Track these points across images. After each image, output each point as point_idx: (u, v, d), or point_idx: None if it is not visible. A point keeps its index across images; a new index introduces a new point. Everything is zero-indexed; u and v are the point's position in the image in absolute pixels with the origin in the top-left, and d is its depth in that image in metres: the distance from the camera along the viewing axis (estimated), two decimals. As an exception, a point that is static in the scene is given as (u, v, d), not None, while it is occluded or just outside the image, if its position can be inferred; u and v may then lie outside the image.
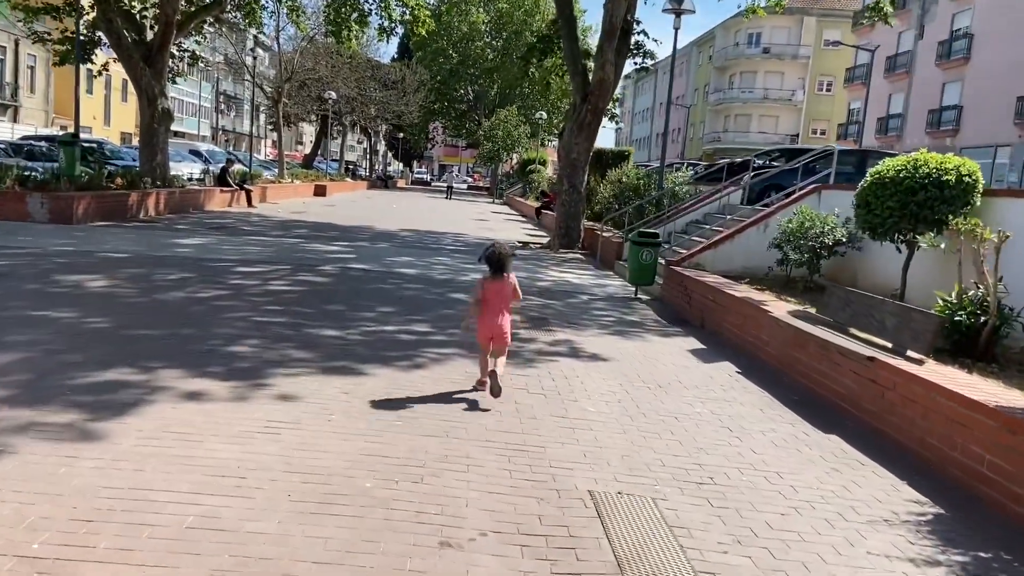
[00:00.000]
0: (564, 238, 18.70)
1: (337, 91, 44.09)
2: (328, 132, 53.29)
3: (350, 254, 13.93)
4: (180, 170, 27.77)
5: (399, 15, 26.36)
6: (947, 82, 38.40)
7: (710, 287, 9.70)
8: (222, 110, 78.85)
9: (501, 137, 50.10)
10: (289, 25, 37.89)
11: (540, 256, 16.99)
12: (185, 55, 26.74)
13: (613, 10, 16.91)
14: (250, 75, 36.91)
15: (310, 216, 22.77)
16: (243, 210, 23.17)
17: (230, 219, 19.42)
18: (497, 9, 61.26)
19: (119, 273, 9.67)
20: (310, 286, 10.02)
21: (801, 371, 7.01)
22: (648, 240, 11.65)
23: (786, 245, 10.54)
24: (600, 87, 17.71)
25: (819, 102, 62.45)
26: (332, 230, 18.59)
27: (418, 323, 8.23)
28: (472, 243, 18.68)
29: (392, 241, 17.23)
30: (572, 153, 18.67)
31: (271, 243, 14.57)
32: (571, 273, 14.32)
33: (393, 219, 24.45)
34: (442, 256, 15.02)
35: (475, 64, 61.55)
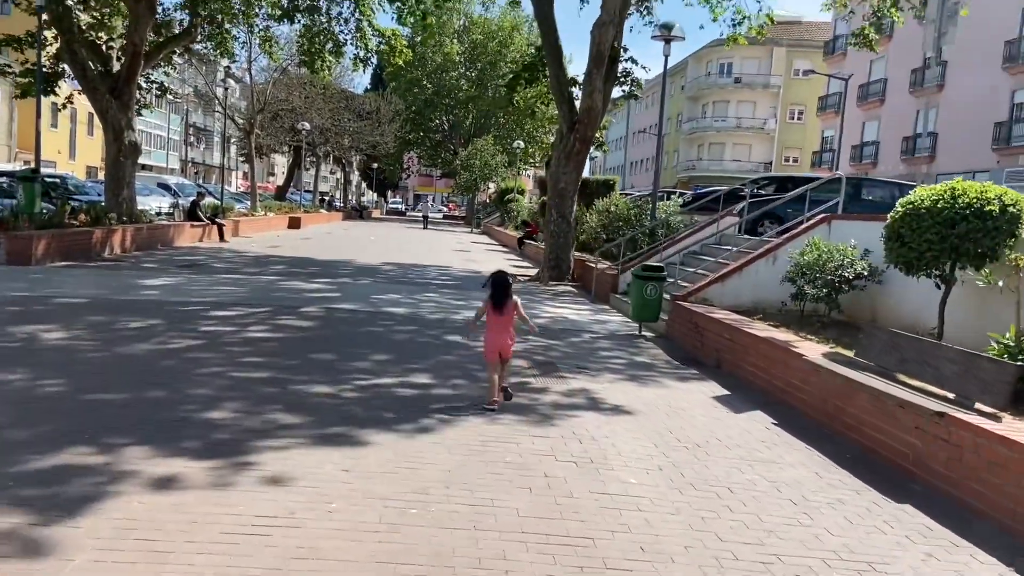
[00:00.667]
0: (554, 270, 18.01)
1: (311, 122, 43.35)
2: (301, 163, 52.45)
3: (333, 292, 13.09)
4: (148, 204, 26.76)
5: (375, 45, 25.80)
6: (921, 109, 38.58)
7: (726, 325, 9.02)
8: (191, 142, 77.68)
9: (478, 166, 49.58)
10: (262, 56, 37.26)
11: (531, 290, 16.25)
12: (153, 86, 25.89)
13: (601, 38, 16.41)
14: (221, 107, 36.07)
15: (286, 250, 21.88)
16: (215, 245, 22.21)
17: (201, 255, 18.48)
18: (471, 40, 61.14)
19: (78, 322, 8.76)
20: (293, 331, 9.17)
21: (848, 424, 6.31)
22: (652, 274, 10.97)
23: (800, 279, 9.91)
24: (588, 115, 17.15)
25: (791, 130, 62.89)
26: (311, 265, 17.72)
27: (417, 373, 7.42)
28: (459, 276, 17.92)
29: (375, 276, 16.41)
30: (560, 183, 18.06)
31: (246, 282, 13.68)
32: (567, 308, 13.60)
33: (373, 252, 23.63)
34: (430, 292, 14.22)
35: (450, 94, 61.23)
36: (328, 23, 25.73)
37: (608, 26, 16.33)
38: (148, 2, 21.05)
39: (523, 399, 6.73)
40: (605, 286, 15.10)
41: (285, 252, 21.17)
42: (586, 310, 13.55)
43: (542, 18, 17.87)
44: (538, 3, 17.81)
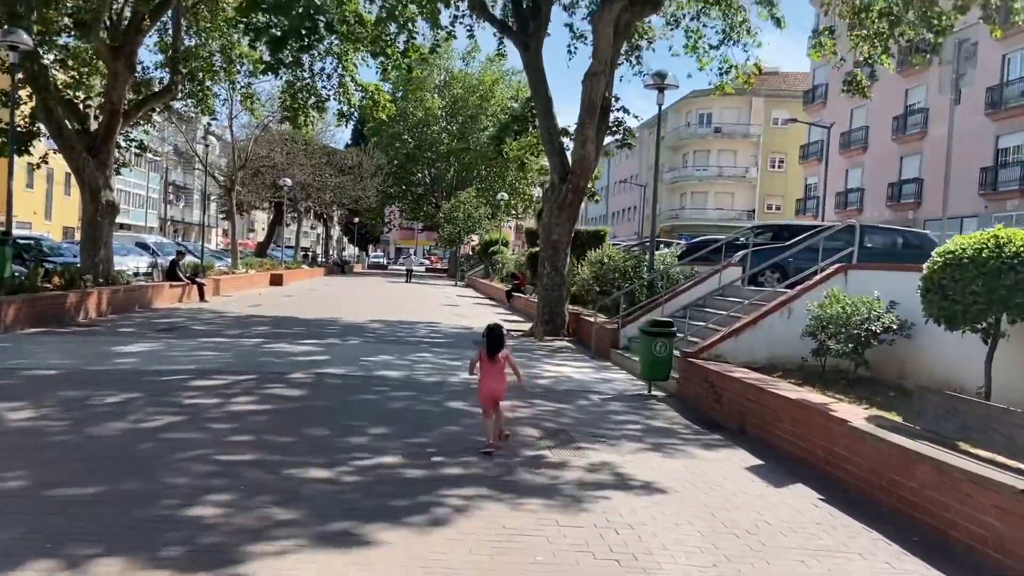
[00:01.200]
0: (548, 324, 17.42)
1: (292, 177, 42.99)
2: (282, 219, 51.95)
3: (321, 355, 12.38)
4: (126, 264, 26.02)
5: (358, 100, 25.53)
6: (905, 156, 38.89)
7: (749, 385, 8.42)
8: (171, 200, 77.15)
9: (462, 219, 49.28)
10: (243, 112, 36.99)
11: (526, 346, 15.63)
12: (132, 144, 25.37)
13: (592, 87, 16.13)
14: (201, 164, 35.62)
15: (269, 309, 21.15)
16: (195, 306, 21.45)
17: (181, 317, 17.73)
18: (452, 94, 61.48)
19: (47, 397, 8.00)
20: (282, 402, 8.45)
21: (908, 500, 5.67)
22: (661, 330, 10.40)
23: (821, 333, 9.38)
24: (581, 165, 16.79)
25: (772, 178, 63.40)
26: (295, 325, 17.01)
27: (422, 448, 6.72)
28: (450, 333, 17.27)
29: (364, 336, 15.72)
30: (553, 235, 17.59)
31: (229, 346, 12.94)
32: (567, 366, 12.96)
33: (359, 308, 22.95)
34: (423, 352, 13.55)
35: (431, 148, 61.32)
36: (311, 79, 25.47)
37: (600, 76, 16.07)
38: (127, 60, 20.69)
39: (543, 477, 6.06)
40: (605, 341, 14.51)
41: (268, 311, 20.45)
42: (588, 368, 12.92)
43: (531, 69, 17.62)
44: (527, 54, 17.58)
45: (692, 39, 20.23)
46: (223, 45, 25.13)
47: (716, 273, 14.52)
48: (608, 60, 16.13)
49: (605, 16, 15.45)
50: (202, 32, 24.83)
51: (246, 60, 25.68)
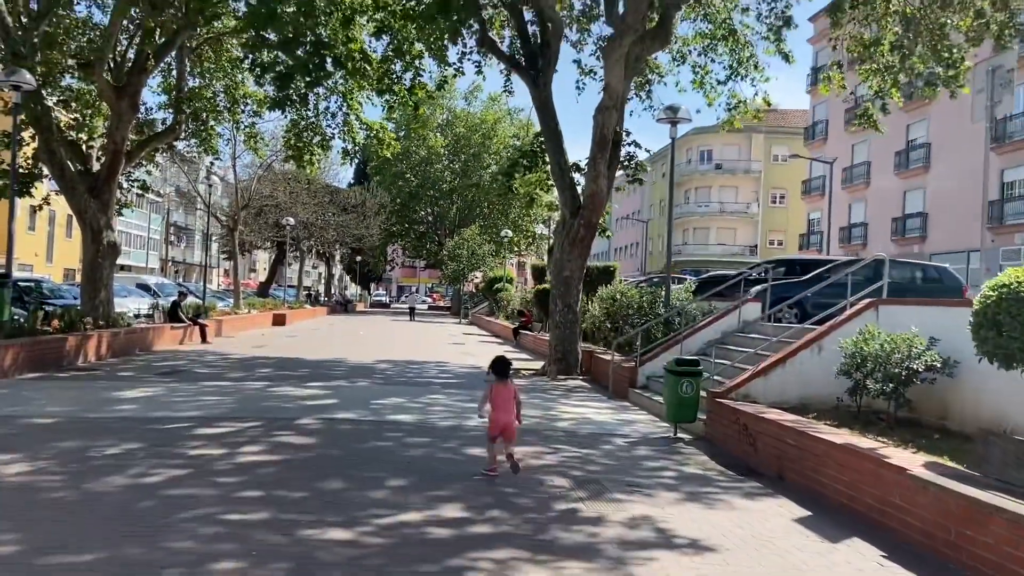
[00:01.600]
0: (560, 363, 16.96)
1: (295, 216, 42.81)
2: (284, 258, 51.71)
3: (330, 399, 11.89)
4: (126, 306, 25.64)
5: (363, 138, 25.39)
6: (908, 190, 38.73)
7: (787, 428, 7.94)
8: (172, 241, 77.12)
9: (465, 256, 49.02)
10: (246, 152, 36.92)
11: (539, 385, 15.15)
12: (134, 185, 25.14)
13: (604, 122, 15.89)
14: (204, 204, 35.42)
15: (273, 350, 20.69)
16: (197, 347, 20.99)
17: (183, 360, 17.26)
18: (455, 133, 61.70)
19: (44, 449, 7.52)
20: (292, 452, 7.96)
21: (980, 557, 5.18)
22: (687, 369, 9.95)
23: (857, 371, 8.92)
24: (593, 200, 16.47)
25: (774, 214, 63.36)
26: (301, 367, 16.54)
27: (446, 504, 6.23)
28: (461, 373, 16.79)
29: (372, 377, 15.23)
30: (564, 271, 17.21)
31: (234, 390, 12.46)
32: (586, 407, 12.47)
33: (365, 348, 22.48)
34: (434, 394, 13.06)
35: (434, 186, 61.38)
36: (315, 117, 25.37)
37: (611, 110, 15.83)
38: (131, 100, 20.53)
39: (580, 535, 5.57)
40: (623, 381, 14.03)
41: (272, 352, 19.99)
42: (607, 409, 12.43)
43: (540, 104, 17.41)
44: (536, 90, 17.38)
45: (699, 75, 20.11)
46: (227, 85, 25.06)
47: (735, 309, 14.10)
48: (619, 94, 15.90)
49: (615, 51, 15.25)
50: (206, 73, 24.77)
51: (250, 100, 25.61)
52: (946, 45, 16.27)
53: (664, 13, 16.44)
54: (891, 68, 17.76)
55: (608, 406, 12.74)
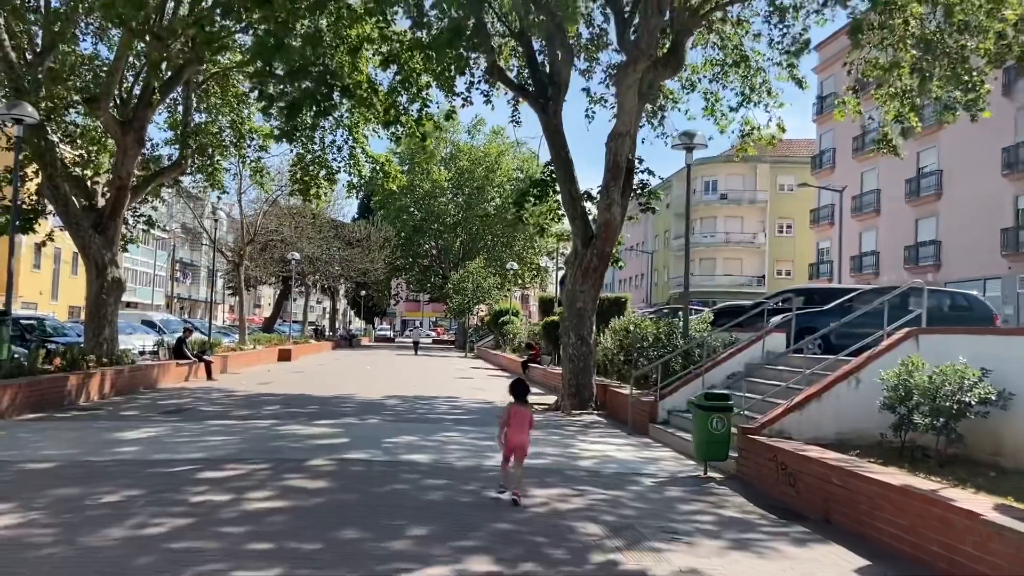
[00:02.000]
0: (575, 397, 16.43)
1: (301, 251, 42.56)
2: (290, 294, 51.37)
3: (340, 437, 11.37)
4: (131, 343, 25.27)
5: (368, 171, 25.17)
6: (920, 218, 38.34)
7: (832, 467, 7.42)
8: (178, 277, 76.92)
9: (470, 289, 48.62)
10: (252, 187, 36.76)
11: (553, 420, 14.62)
12: (140, 220, 24.86)
13: (617, 149, 15.56)
14: (210, 240, 35.13)
15: (279, 386, 20.18)
16: (202, 384, 20.50)
17: (188, 398, 16.77)
18: (458, 167, 61.74)
19: (38, 497, 7.03)
20: (303, 497, 7.45)
21: (1076, 612, 4.66)
22: (717, 404, 9.45)
23: (902, 405, 8.41)
24: (606, 229, 16.08)
25: (781, 243, 63.02)
26: (309, 403, 16.03)
27: (471, 555, 5.71)
28: (472, 409, 16.26)
29: (382, 414, 14.70)
30: (577, 302, 16.76)
31: (240, 429, 11.96)
32: (605, 443, 11.94)
33: (373, 384, 21.97)
34: (448, 431, 12.52)
35: (438, 219, 61.25)
36: (321, 151, 25.18)
37: (624, 137, 15.51)
38: (136, 135, 20.32)
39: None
40: (642, 415, 13.49)
41: (278, 388, 19.49)
42: (628, 446, 11.89)
43: (550, 133, 17.10)
44: (545, 118, 17.09)
45: (710, 102, 19.85)
46: (233, 120, 24.90)
47: (759, 340, 13.60)
48: (632, 121, 15.59)
49: (628, 77, 14.97)
50: (212, 108, 24.62)
51: (256, 135, 25.44)
52: (966, 68, 15.95)
53: (676, 39, 16.20)
54: (909, 92, 17.46)
55: (629, 443, 12.20)
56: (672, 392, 13.41)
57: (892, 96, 17.74)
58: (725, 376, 13.44)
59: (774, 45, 18.90)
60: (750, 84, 19.43)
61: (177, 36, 18.87)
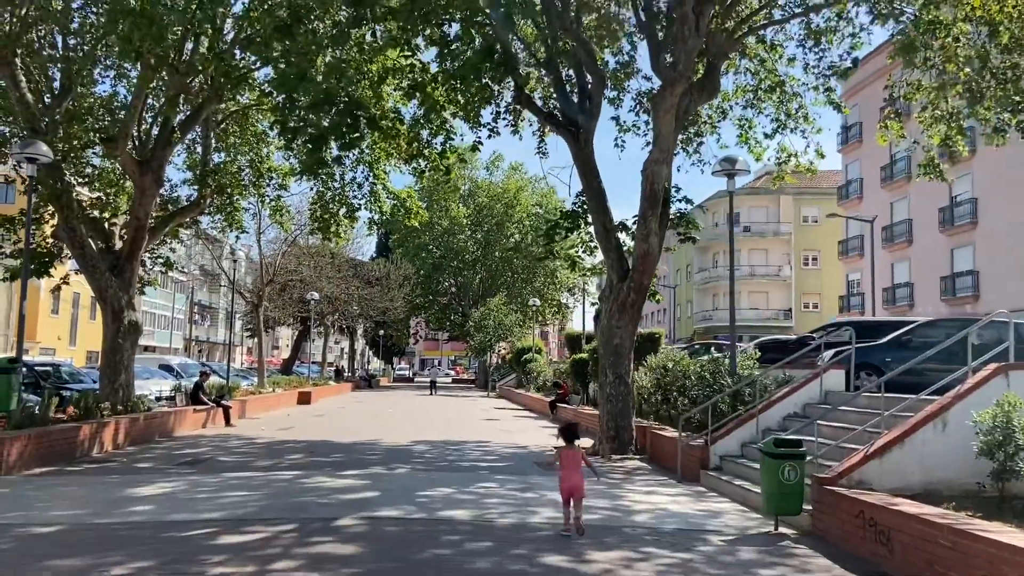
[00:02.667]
0: (614, 441, 15.49)
1: (320, 291, 42.01)
2: (308, 334, 50.76)
3: (370, 490, 10.50)
4: (148, 388, 24.57)
5: (389, 207, 24.63)
6: (955, 248, 37.23)
7: (937, 525, 6.49)
8: (196, 320, 76.75)
9: (492, 326, 47.78)
10: (270, 228, 36.35)
11: (594, 467, 13.66)
12: (158, 262, 24.37)
13: (653, 177, 14.81)
14: (228, 281, 34.63)
15: (301, 432, 19.36)
16: (221, 431, 19.72)
17: (206, 447, 15.97)
18: (477, 203, 61.40)
19: (33, 572, 6.21)
20: (335, 566, 6.58)
21: None
22: (789, 451, 8.53)
23: (1000, 450, 7.47)
24: (644, 261, 15.27)
25: (807, 276, 61.88)
26: (333, 451, 15.17)
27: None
28: (505, 454, 15.36)
29: (412, 462, 13.81)
30: (615, 339, 15.89)
31: (261, 482, 11.12)
32: (656, 494, 10.98)
33: (397, 428, 21.10)
34: (485, 481, 11.62)
35: (457, 256, 60.75)
36: (341, 188, 24.68)
37: (661, 164, 14.78)
38: (155, 175, 19.86)
39: None
40: (692, 461, 12.52)
41: (300, 435, 18.66)
42: (682, 496, 10.92)
43: (582, 162, 16.41)
44: (576, 147, 16.41)
45: (744, 129, 19.14)
46: (252, 159, 24.49)
47: (816, 378, 12.65)
48: (670, 147, 14.88)
49: (666, 100, 14.28)
50: (231, 148, 24.23)
51: (276, 174, 24.99)
52: (1019, 88, 15.16)
53: (711, 62, 15.56)
54: (956, 114, 16.69)
55: (682, 492, 11.24)
56: (724, 435, 12.45)
57: (938, 119, 16.97)
58: (781, 418, 12.48)
59: (809, 70, 18.27)
60: (786, 110, 18.73)
61: (197, 72, 18.50)
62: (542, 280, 61.03)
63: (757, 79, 18.58)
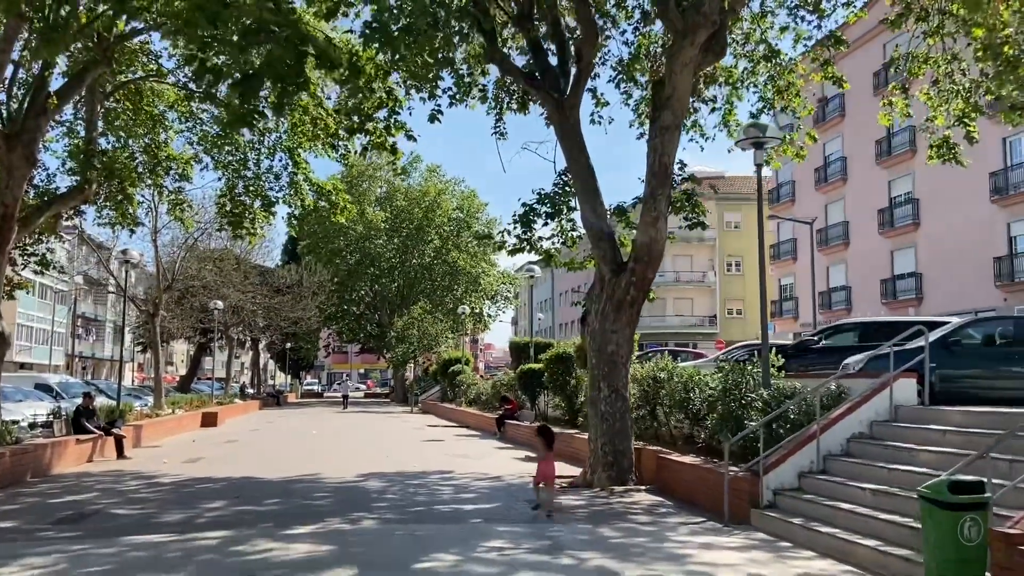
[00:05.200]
0: (611, 468, 12.78)
1: (225, 299, 37.74)
2: (211, 348, 46.03)
3: (343, 565, 7.34)
4: (21, 412, 20.33)
5: (312, 201, 21.34)
6: (896, 249, 36.61)
7: None
8: (80, 335, 69.79)
9: (416, 336, 44.43)
10: (169, 225, 32.07)
11: (596, 505, 10.93)
12: (31, 261, 20.19)
13: (664, 147, 12.26)
14: (118, 287, 30.13)
15: (214, 464, 15.83)
16: (113, 467, 15.92)
17: (93, 490, 12.33)
18: (394, 207, 57.95)
19: None
20: None
21: None
22: (970, 499, 6.01)
23: None
24: (650, 250, 12.68)
25: (731, 282, 61.32)
26: (266, 494, 11.83)
27: None
28: (482, 490, 12.41)
29: (374, 508, 10.61)
30: (609, 345, 13.22)
31: (176, 553, 7.79)
32: (716, 548, 8.29)
33: (331, 455, 17.80)
34: (489, 538, 8.61)
35: (374, 263, 57.04)
36: (255, 179, 21.24)
37: (674, 131, 12.27)
38: (25, 150, 16.06)
39: None
40: (740, 498, 9.93)
41: (214, 469, 15.15)
42: (755, 550, 8.26)
43: (566, 133, 13.72)
44: (559, 114, 13.71)
45: (724, 110, 16.93)
46: (148, 145, 20.68)
47: (883, 389, 10.30)
48: (684, 110, 12.38)
49: (684, 52, 11.74)
50: (122, 130, 20.36)
51: (176, 163, 21.26)
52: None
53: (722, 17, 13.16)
54: (975, 87, 14.93)
55: (746, 543, 8.59)
56: (776, 464, 9.94)
57: (955, 94, 15.19)
58: (844, 440, 10.08)
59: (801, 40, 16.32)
60: (776, 86, 16.64)
61: (80, 24, 14.76)
62: (463, 288, 58.12)
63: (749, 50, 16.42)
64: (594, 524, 9.48)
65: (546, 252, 15.50)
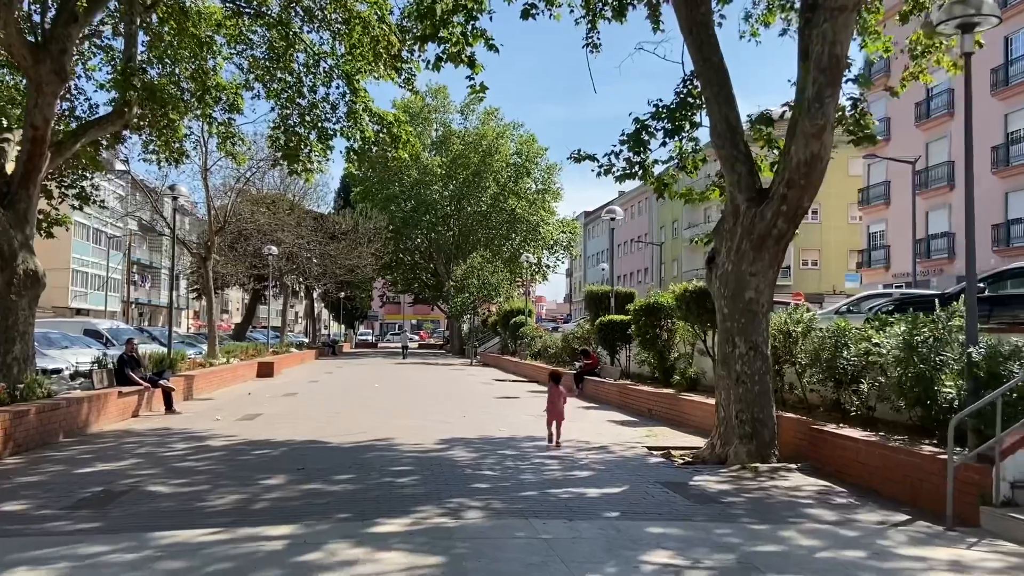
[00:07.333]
0: (750, 441, 10.35)
1: (279, 244, 36.00)
2: (267, 295, 44.64)
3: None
4: (65, 360, 18.81)
5: (373, 132, 18.98)
6: (1011, 191, 32.93)
7: None
8: (135, 281, 69.49)
9: (476, 286, 42.28)
10: (219, 165, 30.20)
11: (750, 493, 8.52)
12: (68, 194, 18.33)
13: (835, 34, 9.47)
14: (168, 226, 28.40)
15: (272, 424, 13.89)
16: (159, 424, 14.07)
17: (130, 458, 10.39)
18: (450, 151, 55.44)
19: None
20: None
21: None
22: None
23: None
24: (810, 170, 10.01)
25: (807, 231, 57.43)
26: (334, 467, 9.70)
27: None
28: (594, 465, 10.05)
29: (474, 491, 8.32)
30: (747, 291, 10.70)
31: (226, 564, 5.64)
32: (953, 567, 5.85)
33: (400, 413, 15.80)
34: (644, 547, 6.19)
35: (430, 210, 54.84)
36: (310, 108, 19.04)
37: (850, 12, 9.47)
38: (55, 63, 14.08)
39: None
40: (967, 491, 7.43)
41: (273, 430, 13.16)
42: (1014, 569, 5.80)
43: (695, 28, 11.02)
44: (687, 6, 10.97)
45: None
46: (194, 72, 18.48)
47: None
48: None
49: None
50: (166, 53, 18.18)
51: (225, 93, 19.12)
52: None
53: None
54: None
55: (1002, 560, 6.12)
56: (1012, 450, 7.38)
57: None
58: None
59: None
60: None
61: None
62: (522, 236, 55.70)
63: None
64: (770, 523, 7.11)
65: (658, 179, 12.89)
